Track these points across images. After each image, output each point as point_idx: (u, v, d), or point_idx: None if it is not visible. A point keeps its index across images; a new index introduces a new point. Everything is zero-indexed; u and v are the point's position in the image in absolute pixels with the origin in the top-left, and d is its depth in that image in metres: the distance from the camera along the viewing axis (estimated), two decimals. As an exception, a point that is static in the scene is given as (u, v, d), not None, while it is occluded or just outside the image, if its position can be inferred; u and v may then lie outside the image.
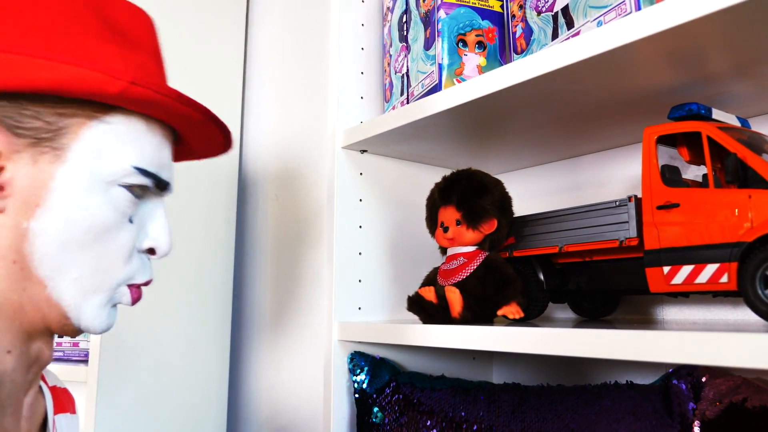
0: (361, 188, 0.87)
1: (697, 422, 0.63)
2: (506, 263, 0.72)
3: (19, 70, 0.45)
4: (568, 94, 0.65)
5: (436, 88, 0.73)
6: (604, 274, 0.68)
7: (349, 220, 0.85)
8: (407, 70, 0.81)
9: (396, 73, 0.84)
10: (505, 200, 0.75)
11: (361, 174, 0.87)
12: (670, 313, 0.79)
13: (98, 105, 0.50)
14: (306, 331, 1.26)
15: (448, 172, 0.89)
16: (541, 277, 0.72)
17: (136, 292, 0.55)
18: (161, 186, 0.55)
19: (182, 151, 0.62)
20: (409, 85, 0.80)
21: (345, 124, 0.86)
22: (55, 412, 0.60)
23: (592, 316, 0.80)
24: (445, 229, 0.75)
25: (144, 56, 0.54)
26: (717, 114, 0.60)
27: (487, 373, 0.99)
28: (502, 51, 0.74)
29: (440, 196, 0.76)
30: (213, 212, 1.31)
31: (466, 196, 0.73)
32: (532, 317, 0.74)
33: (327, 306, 0.83)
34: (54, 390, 0.62)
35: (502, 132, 0.80)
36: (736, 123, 0.62)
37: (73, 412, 0.64)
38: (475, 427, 0.71)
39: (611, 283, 0.67)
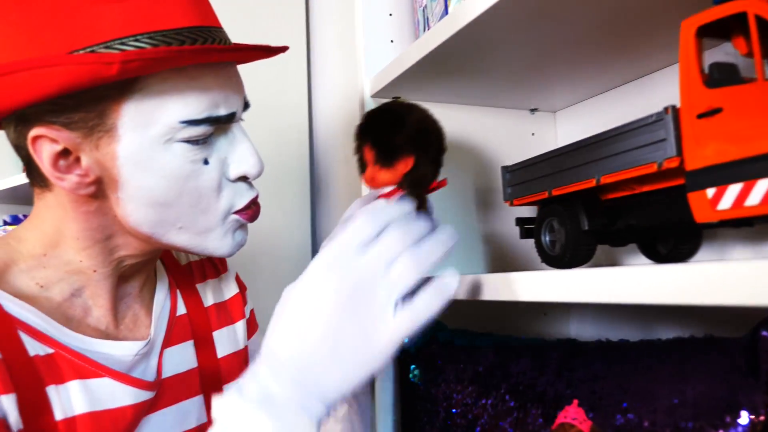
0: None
1: (787, 383, 0.51)
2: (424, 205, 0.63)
3: (7, 91, 0.47)
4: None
5: (444, 15, 0.66)
6: (650, 206, 0.57)
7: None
8: (426, 1, 0.74)
9: (420, 8, 0.77)
10: (424, 134, 0.64)
11: (396, 123, 0.82)
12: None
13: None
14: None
15: (494, 111, 0.80)
16: (582, 216, 0.62)
17: (246, 214, 0.57)
18: (224, 120, 0.53)
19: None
20: (428, 19, 0.73)
21: (375, 71, 0.81)
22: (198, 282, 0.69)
23: (668, 261, 0.68)
24: (363, 169, 0.66)
25: None
26: (777, -14, 0.46)
27: (563, 330, 0.90)
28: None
29: (360, 134, 0.67)
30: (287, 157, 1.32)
31: (379, 132, 0.63)
32: (573, 265, 0.64)
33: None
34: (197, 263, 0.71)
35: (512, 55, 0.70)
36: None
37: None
38: (513, 386, 0.64)
39: (658, 217, 0.56)
